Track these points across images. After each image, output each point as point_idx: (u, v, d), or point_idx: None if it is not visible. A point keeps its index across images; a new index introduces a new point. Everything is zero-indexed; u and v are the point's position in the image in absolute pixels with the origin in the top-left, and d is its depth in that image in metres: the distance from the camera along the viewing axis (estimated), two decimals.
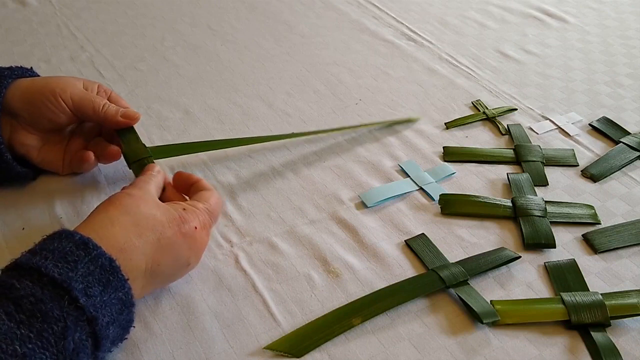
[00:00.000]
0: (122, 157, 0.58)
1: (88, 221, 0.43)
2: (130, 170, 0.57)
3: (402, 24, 0.89)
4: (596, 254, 0.53)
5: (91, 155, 0.57)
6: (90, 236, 0.40)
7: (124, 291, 0.39)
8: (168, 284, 0.49)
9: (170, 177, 0.53)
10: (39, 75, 0.61)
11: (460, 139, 0.67)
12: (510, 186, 0.60)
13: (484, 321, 0.46)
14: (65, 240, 0.39)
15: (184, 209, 0.46)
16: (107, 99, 0.58)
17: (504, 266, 0.52)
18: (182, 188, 0.52)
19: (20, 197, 0.57)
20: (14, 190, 0.58)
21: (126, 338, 0.43)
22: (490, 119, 0.69)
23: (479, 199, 0.58)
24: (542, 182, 0.61)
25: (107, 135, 0.60)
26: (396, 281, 0.50)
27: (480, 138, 0.67)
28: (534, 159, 0.63)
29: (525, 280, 0.51)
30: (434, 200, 0.58)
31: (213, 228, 0.54)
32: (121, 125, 0.57)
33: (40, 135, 0.56)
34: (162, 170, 0.52)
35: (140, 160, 0.56)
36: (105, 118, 0.56)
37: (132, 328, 0.42)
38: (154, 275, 0.43)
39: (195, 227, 0.45)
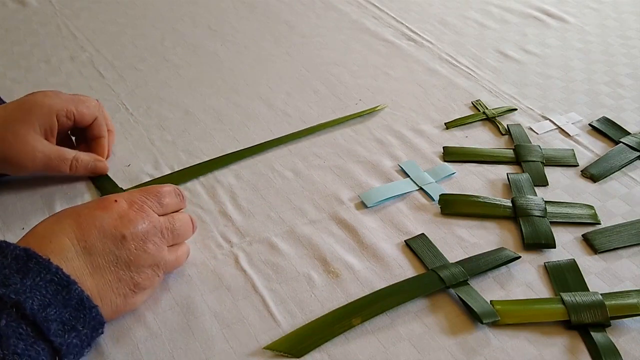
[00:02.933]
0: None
1: None
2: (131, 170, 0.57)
3: (402, 24, 0.88)
4: (596, 254, 0.53)
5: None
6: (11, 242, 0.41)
7: (52, 272, 0.40)
8: (132, 272, 0.44)
9: None
10: (2, 101, 0.61)
11: (460, 139, 0.67)
12: (510, 186, 0.60)
13: (484, 321, 0.46)
14: None
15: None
16: (73, 121, 0.58)
17: (504, 266, 0.52)
18: None
19: (20, 197, 0.57)
20: (14, 191, 0.58)
21: (104, 323, 0.42)
22: (490, 119, 0.69)
23: (479, 199, 0.58)
24: (542, 182, 0.61)
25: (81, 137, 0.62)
26: (396, 281, 0.50)
27: (480, 138, 0.67)
28: (534, 159, 0.63)
29: (525, 281, 0.51)
30: (434, 200, 0.58)
31: (214, 230, 0.55)
32: (91, 175, 0.60)
33: None
34: None
35: None
36: (75, 174, 0.59)
37: (95, 308, 0.41)
38: (91, 252, 0.43)
39: (115, 200, 0.46)
